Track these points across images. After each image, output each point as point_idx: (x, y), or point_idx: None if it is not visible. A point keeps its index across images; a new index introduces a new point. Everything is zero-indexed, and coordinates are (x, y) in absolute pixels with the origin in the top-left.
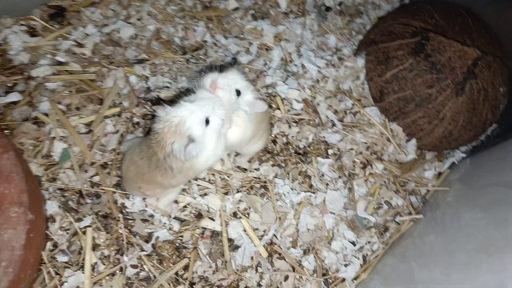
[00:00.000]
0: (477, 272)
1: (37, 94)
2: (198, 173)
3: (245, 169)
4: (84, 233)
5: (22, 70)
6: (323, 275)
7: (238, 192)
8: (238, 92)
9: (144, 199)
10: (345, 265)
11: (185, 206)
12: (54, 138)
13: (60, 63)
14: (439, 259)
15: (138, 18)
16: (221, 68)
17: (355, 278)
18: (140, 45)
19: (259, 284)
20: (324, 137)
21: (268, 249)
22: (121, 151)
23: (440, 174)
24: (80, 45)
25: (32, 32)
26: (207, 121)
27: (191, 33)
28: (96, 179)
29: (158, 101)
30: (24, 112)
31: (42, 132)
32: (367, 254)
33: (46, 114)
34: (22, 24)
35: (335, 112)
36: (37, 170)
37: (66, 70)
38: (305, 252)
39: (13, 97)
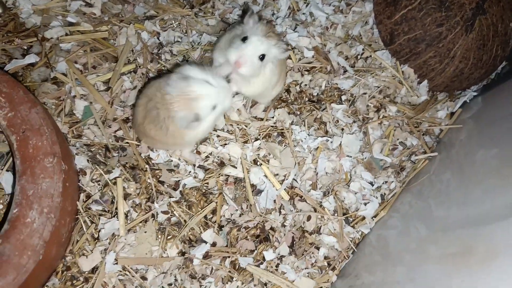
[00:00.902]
0: (492, 206)
1: (53, 55)
2: (185, 143)
3: (262, 118)
4: (114, 183)
5: (36, 33)
6: (344, 214)
7: (256, 140)
8: (263, 56)
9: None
10: (365, 204)
11: (207, 156)
12: (74, 96)
13: (71, 24)
14: (455, 196)
15: None
16: (242, 16)
17: (375, 216)
18: (148, 1)
19: (283, 225)
20: (336, 83)
21: (289, 192)
22: None
23: (452, 113)
24: (88, 4)
25: None
26: (214, 107)
27: None
28: (119, 133)
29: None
30: (43, 73)
31: (62, 92)
32: (385, 193)
33: (64, 74)
34: None
35: (346, 58)
36: (62, 128)
37: (78, 31)
38: (325, 194)
39: (30, 59)
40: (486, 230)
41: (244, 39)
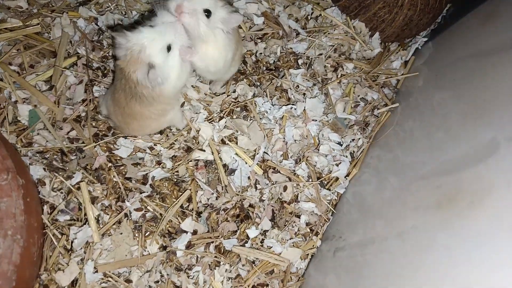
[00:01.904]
0: (454, 144)
1: None
2: (171, 98)
3: (222, 94)
4: (78, 189)
5: None
6: (318, 178)
7: (221, 119)
8: (208, 12)
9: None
10: (336, 165)
11: (172, 144)
12: (16, 101)
13: None
14: (419, 142)
15: None
16: None
17: (347, 175)
18: None
19: (261, 200)
20: (291, 48)
21: (262, 166)
22: (101, 112)
23: (406, 62)
24: None
25: None
26: (168, 48)
27: None
28: (73, 134)
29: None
30: None
31: (2, 98)
32: (353, 151)
33: (0, 79)
34: None
35: (297, 20)
36: (9, 138)
37: (6, 28)
38: (297, 162)
39: None
40: (468, 173)
41: None
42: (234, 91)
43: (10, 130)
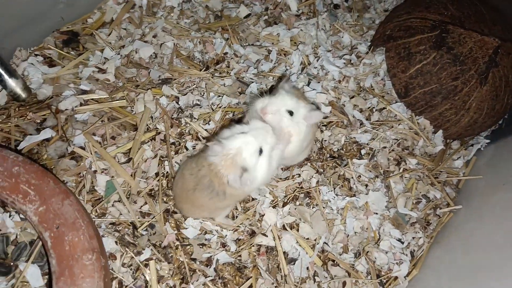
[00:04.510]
0: None
1: (69, 127)
2: (245, 196)
3: (286, 178)
4: (146, 266)
5: (49, 104)
6: (377, 276)
7: (285, 204)
8: (291, 112)
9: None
10: (397, 264)
11: (238, 226)
12: (95, 171)
13: (84, 92)
14: (479, 244)
15: (153, 35)
16: (272, 89)
17: (407, 275)
18: (161, 64)
19: None
20: (354, 137)
21: (321, 257)
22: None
23: (468, 161)
24: (101, 70)
25: (50, 62)
26: (260, 151)
27: (210, 46)
28: (145, 208)
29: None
30: (59, 148)
31: (82, 167)
32: (414, 250)
33: (82, 148)
34: (37, 55)
35: (361, 111)
36: (85, 207)
37: (93, 99)
38: (356, 256)
39: (46, 133)
40: None
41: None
42: (299, 175)
43: (87, 199)
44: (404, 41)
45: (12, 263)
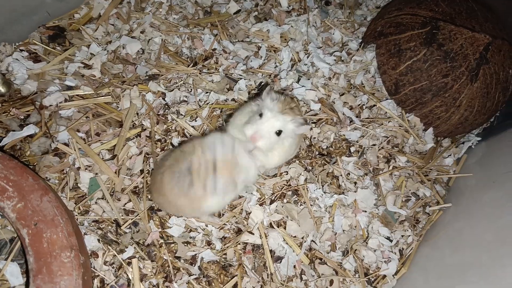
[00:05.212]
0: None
1: (53, 123)
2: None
3: (274, 175)
4: (129, 264)
5: (33, 100)
6: (365, 274)
7: (272, 202)
8: (280, 131)
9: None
10: (385, 262)
11: (224, 224)
12: (79, 168)
13: (70, 88)
14: (468, 242)
15: (141, 31)
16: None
17: (395, 273)
18: (149, 59)
19: None
20: (344, 135)
21: (309, 255)
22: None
23: (458, 159)
24: (87, 66)
25: (35, 57)
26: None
27: (198, 42)
28: (129, 206)
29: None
30: (43, 144)
31: (65, 164)
32: (403, 248)
33: (66, 144)
34: (22, 50)
35: (351, 108)
36: (67, 204)
37: (78, 95)
38: (344, 254)
39: (29, 129)
40: None
41: (261, 115)
42: (287, 173)
43: (70, 196)
44: (394, 37)
45: None
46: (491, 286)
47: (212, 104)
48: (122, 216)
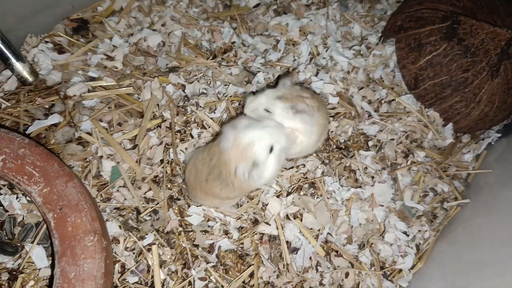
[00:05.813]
0: None
1: (76, 113)
2: (252, 190)
3: (291, 167)
4: (149, 250)
5: (57, 90)
6: (381, 268)
7: (289, 194)
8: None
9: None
10: (402, 256)
11: (241, 214)
12: (101, 157)
13: (93, 79)
14: (486, 239)
15: (162, 24)
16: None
17: (412, 268)
18: (169, 52)
19: (321, 283)
20: (362, 129)
21: (325, 247)
22: (185, 159)
23: (478, 155)
24: (110, 58)
25: (59, 49)
26: (271, 148)
27: (218, 35)
28: (149, 194)
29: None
30: (67, 133)
31: (88, 152)
32: (419, 243)
33: (89, 133)
34: (47, 41)
35: (370, 102)
36: (90, 191)
37: (101, 86)
38: (360, 247)
39: (54, 119)
40: None
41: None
42: (304, 166)
43: (93, 183)
44: (414, 32)
45: (18, 244)
46: (508, 283)
47: (230, 96)
48: (142, 204)
